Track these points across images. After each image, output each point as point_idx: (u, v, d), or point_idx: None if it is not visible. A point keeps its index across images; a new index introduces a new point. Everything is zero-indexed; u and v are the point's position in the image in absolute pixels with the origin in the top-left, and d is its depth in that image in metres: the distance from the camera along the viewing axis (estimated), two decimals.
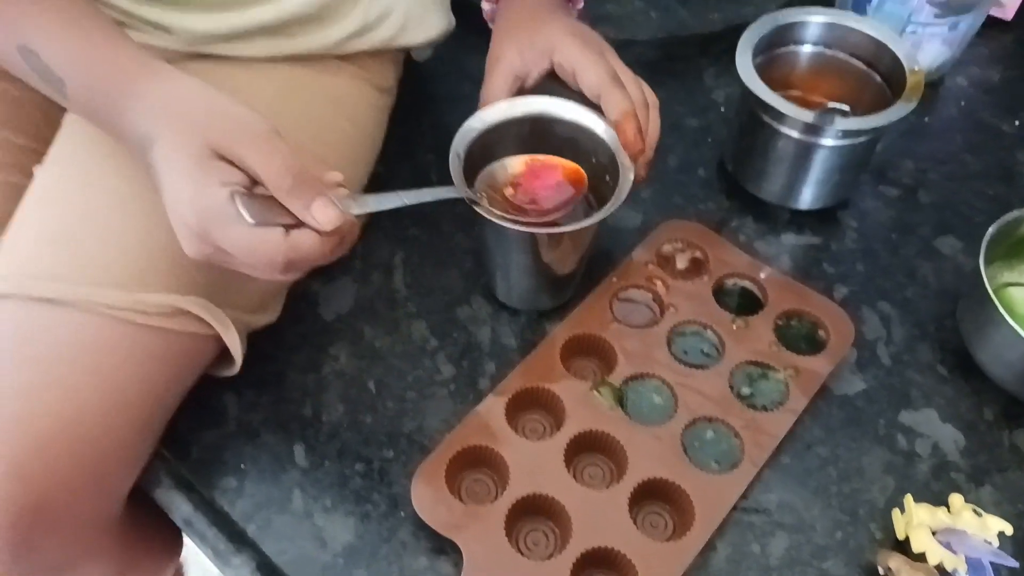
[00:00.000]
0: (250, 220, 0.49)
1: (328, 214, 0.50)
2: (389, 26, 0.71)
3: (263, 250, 0.50)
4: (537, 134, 0.68)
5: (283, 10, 0.64)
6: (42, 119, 0.67)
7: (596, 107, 0.66)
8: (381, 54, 0.74)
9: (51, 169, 0.62)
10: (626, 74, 0.66)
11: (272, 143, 0.50)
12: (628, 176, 0.63)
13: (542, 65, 0.67)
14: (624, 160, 0.64)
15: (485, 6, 0.75)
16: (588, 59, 0.64)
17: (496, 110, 0.66)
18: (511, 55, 0.67)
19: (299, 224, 0.51)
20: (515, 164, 0.66)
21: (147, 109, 0.51)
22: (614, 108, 0.64)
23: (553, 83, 0.68)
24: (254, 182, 0.50)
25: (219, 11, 0.63)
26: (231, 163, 0.50)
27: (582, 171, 0.65)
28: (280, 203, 0.50)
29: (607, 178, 0.65)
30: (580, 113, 0.67)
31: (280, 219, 0.50)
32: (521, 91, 0.68)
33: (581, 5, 0.75)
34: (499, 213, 0.62)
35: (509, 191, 0.64)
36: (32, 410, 0.54)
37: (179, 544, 0.81)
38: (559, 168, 0.66)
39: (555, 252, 0.66)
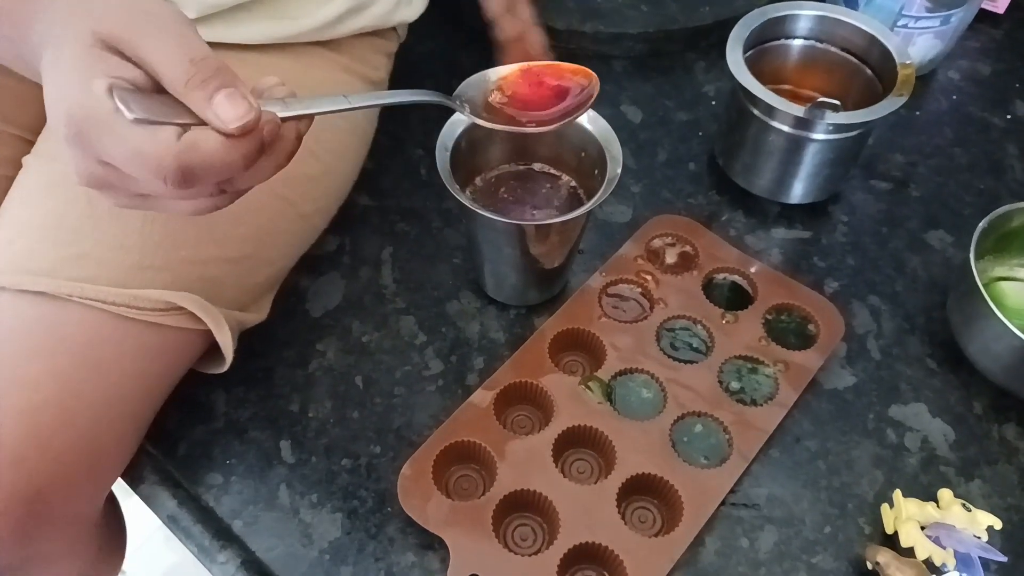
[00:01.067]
0: (129, 114, 0.39)
1: (235, 108, 0.40)
2: (384, 2, 0.71)
3: (149, 151, 0.40)
4: None
5: None
6: (40, 112, 0.66)
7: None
8: (373, 43, 0.74)
9: (43, 160, 0.61)
10: None
11: (175, 30, 0.41)
12: (616, 168, 0.63)
13: None
14: (612, 151, 0.64)
15: None
16: None
17: None
18: None
19: (202, 124, 0.41)
20: (504, 71, 0.59)
21: (47, 13, 0.44)
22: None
23: None
24: (159, 84, 0.41)
25: None
26: (126, 57, 0.41)
27: (590, 72, 0.59)
28: (180, 102, 0.41)
29: (596, 172, 0.65)
30: None
31: (176, 119, 0.41)
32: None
33: None
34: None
35: (495, 96, 0.59)
36: (33, 401, 0.54)
37: (124, 543, 0.80)
38: (559, 73, 0.60)
39: (543, 245, 0.65)
